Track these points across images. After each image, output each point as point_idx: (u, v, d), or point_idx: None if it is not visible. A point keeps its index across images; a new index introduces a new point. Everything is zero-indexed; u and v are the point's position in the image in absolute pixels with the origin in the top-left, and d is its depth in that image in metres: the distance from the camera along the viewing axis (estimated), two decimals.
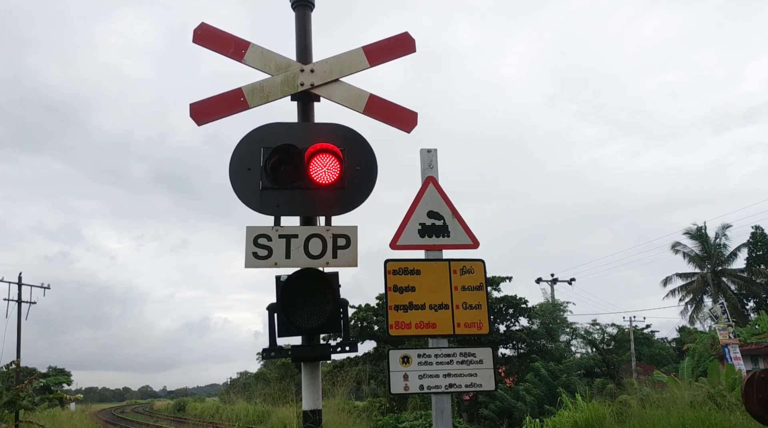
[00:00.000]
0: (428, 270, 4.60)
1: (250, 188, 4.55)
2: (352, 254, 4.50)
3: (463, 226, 4.77)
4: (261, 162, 4.55)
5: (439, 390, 4.40)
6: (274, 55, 4.85)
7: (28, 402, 19.42)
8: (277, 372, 40.24)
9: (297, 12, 4.99)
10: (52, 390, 46.95)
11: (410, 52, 4.99)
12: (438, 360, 4.43)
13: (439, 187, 4.82)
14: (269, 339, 4.40)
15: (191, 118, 4.66)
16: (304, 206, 4.60)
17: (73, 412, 37.36)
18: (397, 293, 4.51)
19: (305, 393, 4.47)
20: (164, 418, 43.12)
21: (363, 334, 29.87)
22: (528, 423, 15.07)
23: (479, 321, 4.55)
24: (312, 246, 4.45)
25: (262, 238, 4.41)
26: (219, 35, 4.81)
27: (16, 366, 21.56)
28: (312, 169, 4.53)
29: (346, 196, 4.61)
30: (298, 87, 4.79)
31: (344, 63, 4.86)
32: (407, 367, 4.38)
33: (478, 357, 4.49)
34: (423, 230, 4.70)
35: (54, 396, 34.27)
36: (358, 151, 4.71)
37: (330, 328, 4.41)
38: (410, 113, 4.88)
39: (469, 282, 4.61)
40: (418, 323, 4.47)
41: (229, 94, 4.72)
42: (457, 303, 4.56)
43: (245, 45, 4.81)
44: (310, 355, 4.47)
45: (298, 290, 4.33)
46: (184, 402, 58.08)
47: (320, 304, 4.34)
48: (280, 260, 4.39)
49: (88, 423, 31.80)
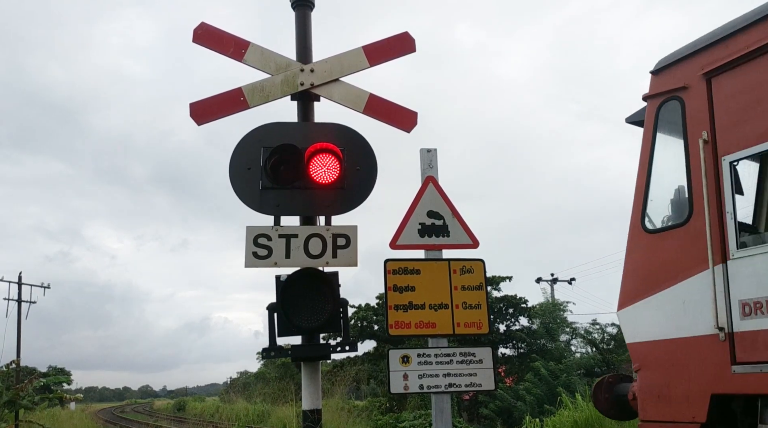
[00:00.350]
0: (428, 270, 4.60)
1: (250, 187, 4.56)
2: (352, 254, 4.50)
3: (462, 226, 4.77)
4: (261, 162, 4.56)
5: (438, 389, 4.40)
6: (274, 54, 4.85)
7: (28, 402, 19.44)
8: (277, 371, 40.24)
9: (297, 12, 5.00)
10: (52, 389, 46.95)
11: (410, 52, 4.99)
12: (438, 359, 4.43)
13: (439, 187, 4.82)
14: (269, 339, 4.40)
15: (191, 117, 4.66)
16: (304, 205, 4.61)
17: (73, 412, 37.37)
18: (397, 292, 4.51)
19: (305, 392, 4.48)
20: (164, 418, 43.14)
21: (363, 334, 29.86)
22: (528, 422, 15.07)
23: (479, 321, 4.55)
24: (312, 246, 4.45)
25: (262, 238, 4.41)
26: (219, 35, 4.82)
27: (16, 365, 21.54)
28: (312, 169, 4.53)
29: (346, 196, 4.62)
30: (298, 87, 4.80)
31: (344, 63, 4.87)
32: (407, 367, 4.39)
33: (477, 357, 4.49)
34: (423, 229, 4.71)
35: (54, 396, 34.27)
36: (358, 151, 4.72)
37: (330, 328, 4.42)
38: (410, 112, 4.88)
39: (468, 282, 4.62)
40: (417, 322, 4.48)
41: (229, 94, 4.72)
42: (457, 303, 4.56)
43: (245, 45, 4.82)
44: (309, 355, 4.47)
45: (298, 290, 4.33)
46: (184, 402, 58.10)
47: (320, 304, 4.35)
48: (280, 260, 4.40)
49: (88, 423, 31.82)
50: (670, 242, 5.29)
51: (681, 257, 5.14)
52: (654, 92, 5.65)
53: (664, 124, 5.61)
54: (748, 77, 4.97)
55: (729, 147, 4.96)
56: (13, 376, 20.17)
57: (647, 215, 5.56)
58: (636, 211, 5.60)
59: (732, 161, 4.95)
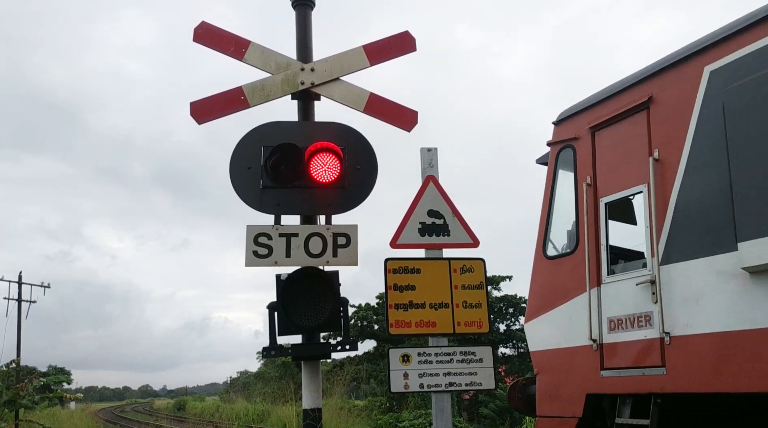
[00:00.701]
0: (428, 269, 4.60)
1: (250, 186, 4.55)
2: (352, 253, 4.50)
3: (463, 225, 4.77)
4: (261, 161, 4.55)
5: (439, 388, 4.41)
6: (275, 54, 4.85)
7: (28, 401, 19.46)
8: (277, 371, 40.24)
9: (297, 11, 4.99)
10: (52, 389, 46.95)
11: (410, 51, 4.99)
12: (438, 358, 4.44)
13: (440, 186, 4.82)
14: (269, 338, 4.40)
15: (192, 116, 4.66)
16: (305, 204, 4.61)
17: (73, 411, 37.38)
18: (398, 291, 4.51)
19: (305, 391, 4.48)
20: (164, 417, 43.16)
21: (363, 333, 29.88)
22: (528, 422, 15.07)
23: (479, 320, 4.56)
24: (312, 245, 4.45)
25: (263, 237, 4.41)
26: (219, 34, 4.81)
27: (16, 365, 21.55)
28: (312, 168, 4.53)
29: (347, 195, 4.61)
30: (299, 86, 4.79)
31: (344, 62, 4.86)
32: (407, 366, 4.39)
33: (478, 356, 4.49)
34: (423, 228, 4.71)
35: (54, 395, 34.22)
36: (359, 150, 4.71)
37: (330, 327, 4.42)
38: (411, 111, 4.88)
39: (469, 281, 4.62)
40: (418, 321, 4.48)
41: (230, 93, 4.72)
42: (457, 302, 4.57)
43: (246, 44, 4.81)
44: (310, 354, 4.47)
45: (298, 289, 4.33)
46: (184, 402, 58.11)
47: (320, 303, 4.35)
48: (281, 259, 4.39)
49: (88, 422, 31.87)
50: (563, 267, 6.33)
51: (570, 280, 6.14)
52: (554, 140, 6.81)
53: (562, 167, 6.70)
54: (617, 135, 6.03)
55: (605, 191, 6.05)
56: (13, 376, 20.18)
57: (548, 243, 6.63)
58: (539, 239, 6.68)
59: (607, 202, 6.02)
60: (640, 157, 5.69)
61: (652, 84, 5.79)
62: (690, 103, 5.36)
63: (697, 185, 5.21)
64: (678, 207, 5.34)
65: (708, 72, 5.31)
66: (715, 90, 5.18)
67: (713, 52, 5.33)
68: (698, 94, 5.33)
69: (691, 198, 5.25)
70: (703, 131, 5.24)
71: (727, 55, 5.20)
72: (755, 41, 5.02)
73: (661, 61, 5.80)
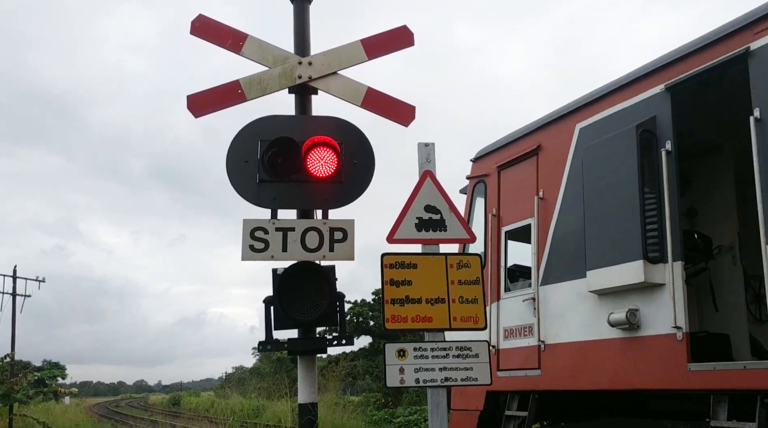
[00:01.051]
0: (425, 264, 4.59)
1: (247, 180, 4.54)
2: (348, 248, 4.50)
3: (459, 220, 4.77)
4: (258, 155, 4.54)
5: (435, 383, 4.40)
6: (272, 47, 4.83)
7: (22, 396, 19.42)
8: (272, 366, 40.26)
9: (295, 4, 4.98)
10: (47, 383, 46.93)
11: (408, 46, 4.98)
12: (434, 353, 4.43)
13: (437, 181, 4.81)
14: (265, 332, 4.40)
15: (188, 110, 4.64)
16: (301, 199, 4.60)
17: (67, 406, 37.37)
18: (394, 286, 4.50)
19: (301, 386, 4.48)
20: (159, 412, 43.12)
21: (358, 329, 29.91)
22: None
23: (475, 316, 4.55)
24: (309, 239, 4.44)
25: (259, 231, 4.40)
26: (217, 27, 4.79)
27: (11, 359, 21.52)
28: (309, 162, 4.52)
29: (344, 189, 4.61)
30: (296, 80, 4.78)
31: (342, 56, 4.85)
32: (403, 360, 4.38)
33: (474, 351, 4.49)
34: (420, 224, 4.70)
35: (49, 390, 34.20)
36: (356, 144, 4.71)
37: (326, 321, 4.42)
38: (408, 106, 4.88)
39: (465, 277, 4.61)
40: (414, 317, 4.47)
41: (227, 87, 4.70)
42: (454, 297, 4.56)
43: (243, 37, 4.79)
44: (306, 348, 4.47)
45: (294, 284, 4.32)
46: (179, 397, 58.07)
47: (317, 297, 4.34)
48: (277, 253, 4.38)
49: (82, 417, 31.85)
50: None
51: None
52: (472, 175, 8.10)
53: (477, 198, 7.97)
54: (516, 174, 7.32)
55: (506, 221, 7.37)
56: (7, 370, 20.15)
57: None
58: None
59: (507, 231, 7.35)
60: (531, 194, 6.99)
61: (541, 134, 7.08)
62: (565, 153, 6.61)
63: (567, 221, 6.50)
64: (554, 238, 6.65)
65: (578, 129, 6.50)
66: (582, 145, 6.37)
67: (583, 112, 6.50)
68: (571, 147, 6.56)
69: (563, 232, 6.55)
70: (572, 177, 6.48)
71: (591, 116, 6.38)
72: (610, 107, 6.15)
73: (550, 115, 7.03)
